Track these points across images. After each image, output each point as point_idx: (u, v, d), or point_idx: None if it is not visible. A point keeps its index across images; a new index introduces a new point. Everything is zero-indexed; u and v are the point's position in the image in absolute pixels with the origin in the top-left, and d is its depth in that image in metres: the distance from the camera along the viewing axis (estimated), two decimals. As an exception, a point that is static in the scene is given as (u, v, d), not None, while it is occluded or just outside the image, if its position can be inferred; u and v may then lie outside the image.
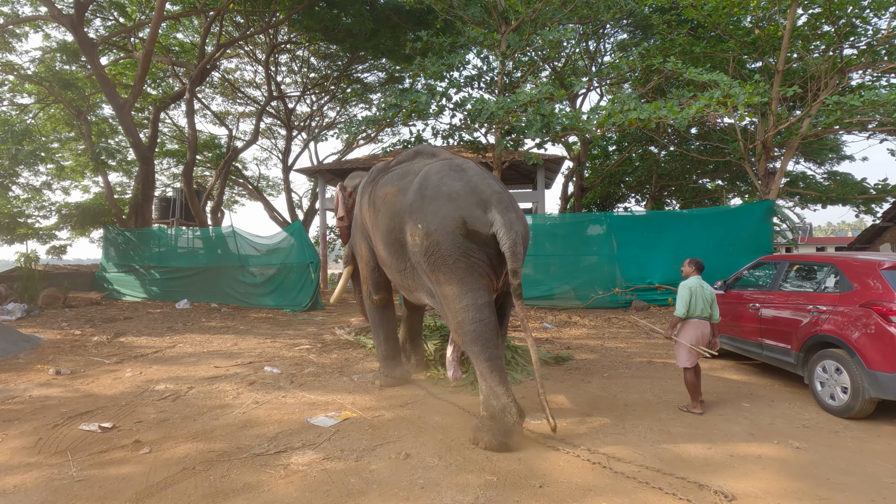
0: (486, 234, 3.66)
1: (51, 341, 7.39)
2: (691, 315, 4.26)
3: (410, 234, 3.87)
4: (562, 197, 21.58)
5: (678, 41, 11.00)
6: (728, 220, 10.81)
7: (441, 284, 3.75)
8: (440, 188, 3.82)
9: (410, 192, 3.97)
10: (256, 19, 15.66)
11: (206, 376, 5.50)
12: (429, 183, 3.90)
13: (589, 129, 7.71)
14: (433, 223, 3.72)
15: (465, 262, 3.67)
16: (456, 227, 3.66)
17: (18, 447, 3.54)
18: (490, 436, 3.39)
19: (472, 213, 3.68)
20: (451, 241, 3.66)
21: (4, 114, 15.39)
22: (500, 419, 3.41)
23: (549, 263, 11.63)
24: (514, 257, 3.57)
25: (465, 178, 3.85)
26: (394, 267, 4.27)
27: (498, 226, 3.61)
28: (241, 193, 25.33)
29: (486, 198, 3.73)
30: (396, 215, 4.05)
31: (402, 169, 4.39)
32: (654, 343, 7.27)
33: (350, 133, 9.36)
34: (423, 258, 3.81)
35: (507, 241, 3.56)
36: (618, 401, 4.57)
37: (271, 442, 3.62)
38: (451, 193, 3.76)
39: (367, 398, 4.65)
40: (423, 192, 3.86)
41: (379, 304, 5.05)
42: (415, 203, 3.87)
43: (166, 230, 14.30)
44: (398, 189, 4.13)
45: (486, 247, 3.70)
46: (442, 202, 3.75)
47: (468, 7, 11.81)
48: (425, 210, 3.78)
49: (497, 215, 3.64)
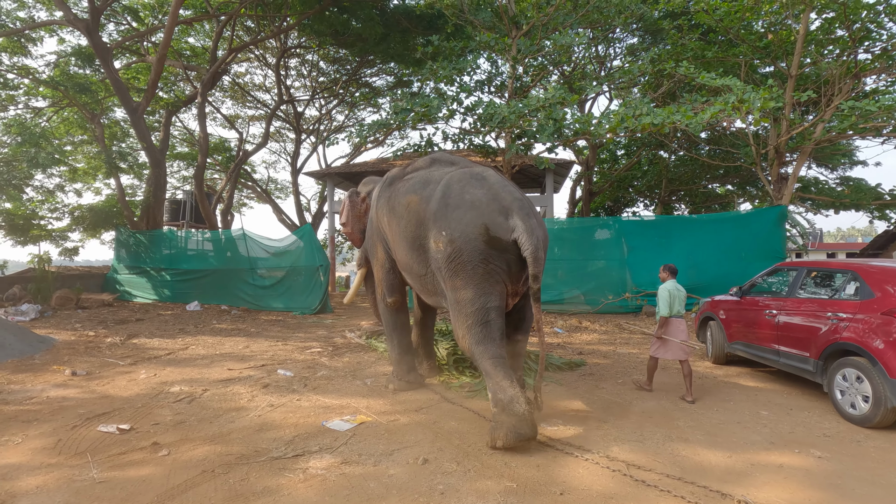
0: (508, 240, 3.78)
1: (65, 342, 7.45)
2: (672, 314, 4.81)
3: (434, 241, 3.99)
4: (570, 201, 21.55)
5: (689, 46, 10.97)
6: (740, 226, 10.74)
7: (457, 290, 3.86)
8: (463, 196, 3.94)
9: (434, 200, 4.09)
10: (267, 24, 15.80)
11: (219, 379, 5.51)
12: (451, 191, 4.03)
13: (601, 133, 7.69)
14: (456, 230, 3.85)
15: (483, 268, 3.79)
16: (479, 234, 3.79)
17: (39, 448, 3.56)
18: (505, 430, 3.42)
19: (495, 220, 3.81)
20: (472, 248, 3.79)
21: (20, 117, 15.59)
22: (511, 410, 3.47)
23: (558, 268, 11.59)
24: (535, 262, 3.67)
25: (487, 186, 3.99)
26: (415, 272, 4.35)
27: (520, 232, 3.72)
28: (250, 196, 25.49)
29: (507, 205, 3.85)
30: (420, 223, 4.16)
31: (422, 176, 4.48)
32: (667, 349, 7.21)
33: (360, 137, 9.39)
34: (444, 264, 3.92)
35: (529, 247, 3.67)
36: (633, 407, 4.53)
37: (288, 445, 3.62)
38: (473, 201, 3.89)
39: (382, 402, 4.65)
40: (447, 200, 3.99)
41: (393, 306, 5.10)
42: (439, 211, 4.00)
43: (177, 232, 14.40)
44: (421, 197, 4.24)
45: (506, 252, 3.83)
46: (465, 210, 3.87)
47: (479, 12, 11.84)
48: (449, 218, 3.91)
49: (519, 221, 3.75)
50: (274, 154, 25.09)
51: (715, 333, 6.17)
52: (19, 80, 15.03)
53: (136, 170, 17.55)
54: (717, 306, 6.19)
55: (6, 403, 4.62)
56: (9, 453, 3.47)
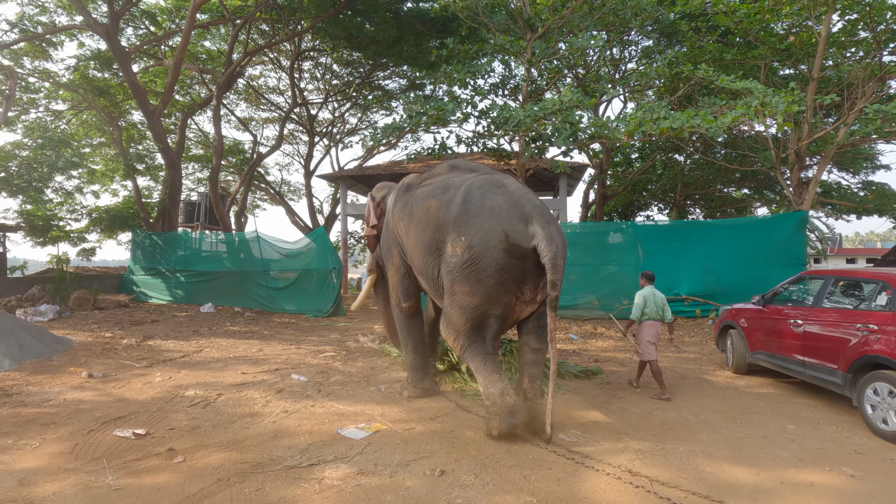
0: (527, 247, 3.80)
1: (82, 343, 7.52)
2: (645, 318, 5.24)
3: (451, 245, 4.00)
4: (583, 205, 21.36)
5: (708, 48, 10.79)
6: (759, 231, 10.52)
7: (464, 294, 3.90)
8: (483, 202, 3.96)
9: (454, 205, 4.09)
10: (282, 27, 15.90)
11: (234, 383, 5.51)
12: (472, 197, 4.04)
13: (618, 137, 7.58)
14: (476, 237, 3.87)
15: (496, 278, 3.82)
16: (498, 242, 3.81)
17: (56, 452, 3.57)
18: (498, 420, 3.67)
19: (515, 227, 3.83)
20: (490, 257, 3.81)
21: (41, 119, 15.87)
22: (501, 402, 3.70)
23: (571, 272, 11.45)
24: (554, 269, 3.68)
25: (508, 193, 4.01)
26: (430, 276, 4.35)
27: (539, 238, 3.74)
28: (264, 198, 25.68)
29: (527, 212, 3.87)
30: (439, 227, 4.15)
31: (442, 182, 4.47)
32: (686, 357, 7.07)
33: (375, 140, 9.37)
34: (458, 268, 3.93)
35: (549, 254, 3.69)
36: (654, 418, 4.43)
37: (303, 454, 3.58)
38: (494, 208, 3.91)
39: (396, 410, 4.60)
40: (468, 206, 4.01)
41: (408, 311, 5.04)
42: (459, 217, 4.00)
43: (191, 234, 14.53)
44: (441, 202, 4.23)
45: (524, 260, 3.84)
46: (486, 217, 3.90)
47: (493, 15, 11.81)
48: (469, 224, 3.93)
49: (539, 228, 3.77)
50: (287, 156, 25.37)
51: (736, 342, 6.02)
52: (40, 83, 15.31)
53: (152, 172, 17.80)
54: (739, 314, 6.05)
55: (25, 405, 4.65)
56: (27, 457, 3.48)
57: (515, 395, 3.74)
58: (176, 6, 15.35)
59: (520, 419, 3.70)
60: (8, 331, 6.35)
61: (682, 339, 8.51)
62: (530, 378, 4.03)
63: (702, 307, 10.30)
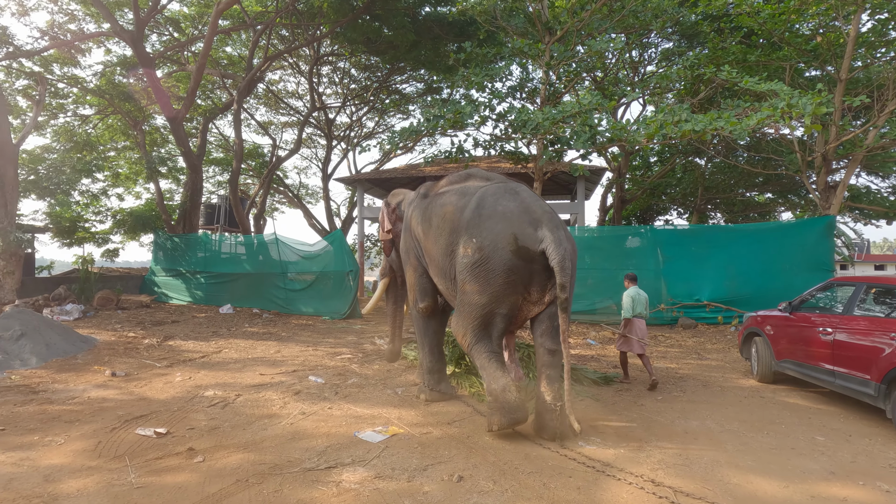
0: (535, 250, 3.95)
1: (106, 343, 7.67)
2: (634, 315, 5.80)
3: (463, 246, 4.18)
4: (601, 208, 21.12)
5: (731, 49, 10.59)
6: (784, 236, 10.27)
7: (473, 293, 4.07)
8: (496, 207, 4.16)
9: (468, 209, 4.31)
10: (301, 32, 16.12)
11: (252, 384, 5.55)
12: (485, 202, 4.25)
13: (638, 140, 7.46)
14: (487, 239, 4.05)
15: (504, 278, 3.98)
16: (507, 244, 3.98)
17: (80, 449, 3.63)
18: (499, 415, 3.81)
19: (524, 230, 3.99)
20: (499, 258, 3.97)
21: (68, 124, 16.32)
22: (503, 398, 3.84)
23: (589, 277, 11.33)
24: (562, 272, 3.80)
25: (519, 200, 4.21)
26: (447, 278, 4.51)
27: (548, 242, 3.89)
28: (282, 201, 26.00)
29: (537, 217, 4.04)
30: (454, 231, 4.35)
31: (459, 189, 4.69)
32: (708, 365, 6.91)
33: (392, 144, 9.40)
34: (468, 268, 4.11)
35: (556, 257, 3.82)
36: (676, 427, 4.32)
37: (321, 456, 3.57)
38: (505, 212, 4.10)
39: (413, 413, 4.57)
40: (480, 210, 4.21)
41: (425, 312, 5.06)
42: (472, 220, 4.20)
43: (211, 236, 14.76)
44: (457, 208, 4.45)
45: (531, 263, 3.99)
46: (497, 220, 4.08)
47: (511, 18, 11.77)
48: (481, 226, 4.11)
49: (547, 233, 3.93)
50: (305, 160, 25.58)
51: (761, 350, 5.86)
52: (68, 89, 15.77)
53: (173, 175, 18.16)
54: (765, 322, 5.88)
55: (51, 402, 4.75)
56: (52, 454, 3.54)
57: (517, 393, 3.87)
58: (199, 13, 15.68)
59: (520, 416, 3.81)
60: (35, 329, 6.52)
61: (704, 346, 8.33)
62: (548, 380, 3.99)
63: (724, 314, 10.08)
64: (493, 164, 16.84)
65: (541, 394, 3.97)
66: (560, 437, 3.81)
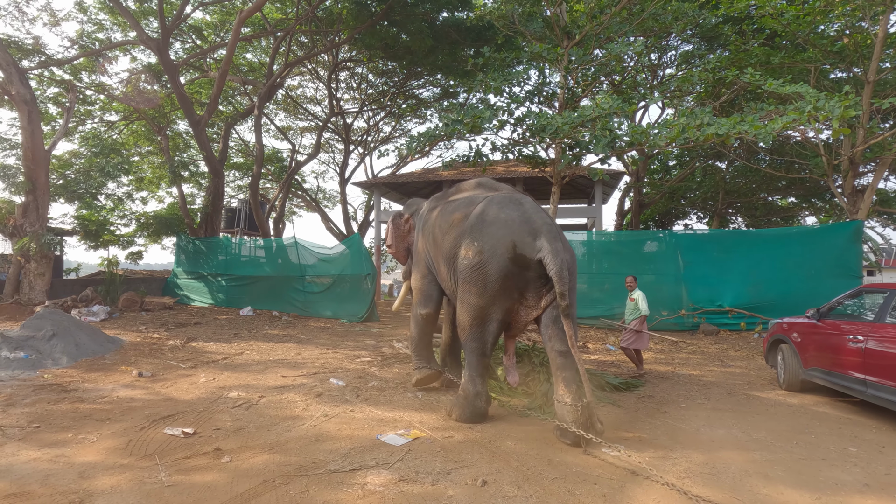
0: (532, 258, 4.14)
1: (131, 343, 7.85)
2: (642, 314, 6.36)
3: (465, 249, 4.44)
4: (618, 213, 20.94)
5: (753, 51, 10.43)
6: (810, 241, 10.06)
7: (472, 294, 4.31)
8: (498, 215, 4.40)
9: (473, 216, 4.58)
10: (320, 39, 16.34)
11: (274, 385, 5.62)
12: (489, 210, 4.49)
13: (658, 144, 7.39)
14: (487, 244, 4.28)
15: (501, 283, 4.21)
16: (506, 250, 4.19)
17: (112, 448, 3.71)
18: (460, 411, 4.36)
19: (523, 238, 4.19)
20: (497, 262, 4.20)
21: (95, 130, 16.78)
22: (473, 402, 4.34)
23: (606, 282, 11.23)
24: (560, 281, 3.95)
25: (522, 210, 4.40)
26: (449, 279, 4.82)
27: (545, 252, 4.06)
28: (300, 205, 26.32)
29: (537, 227, 4.23)
30: (459, 235, 4.62)
31: (468, 198, 4.97)
32: (732, 372, 6.79)
33: (410, 149, 9.46)
34: (468, 271, 4.35)
35: (554, 267, 3.98)
36: (702, 435, 4.25)
37: (345, 458, 3.60)
38: (507, 220, 4.32)
39: (435, 417, 4.58)
40: (484, 217, 4.46)
41: (424, 319, 5.42)
42: (475, 225, 4.46)
43: (232, 239, 15.01)
44: (464, 215, 4.73)
45: (528, 270, 4.20)
46: (498, 227, 4.31)
47: (529, 22, 11.77)
48: (483, 231, 4.36)
49: (545, 243, 4.10)
50: (323, 164, 25.90)
51: (788, 358, 5.74)
52: (96, 96, 16.23)
53: (195, 179, 18.52)
54: (791, 329, 5.76)
55: (82, 401, 4.87)
56: (85, 451, 3.64)
57: (486, 402, 4.39)
58: (221, 20, 16.02)
59: (480, 420, 4.37)
60: (66, 330, 6.70)
61: (728, 353, 8.19)
62: (566, 383, 4.01)
63: (747, 320, 9.89)
64: (510, 168, 16.83)
65: (560, 397, 3.99)
66: (584, 442, 3.80)
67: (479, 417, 4.35)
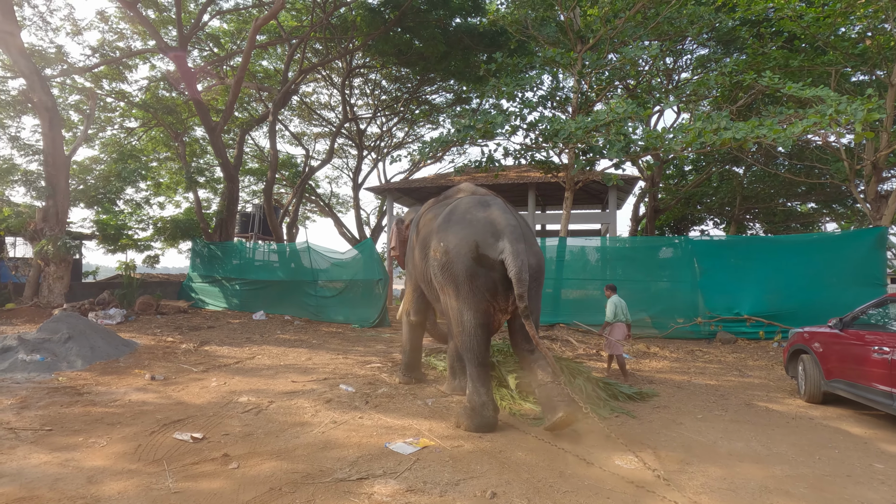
0: (495, 258, 4.24)
1: (145, 347, 7.93)
2: (616, 320, 6.50)
3: (433, 250, 4.62)
4: (632, 219, 20.69)
5: (772, 55, 10.24)
6: (831, 248, 9.79)
7: (449, 297, 4.50)
8: (464, 216, 4.54)
9: (440, 218, 4.78)
10: (334, 46, 16.50)
11: (284, 391, 5.61)
12: (456, 211, 4.67)
13: (674, 149, 7.27)
14: (451, 243, 4.43)
15: (469, 284, 4.31)
16: (469, 250, 4.32)
17: (121, 452, 3.72)
18: (469, 421, 4.28)
19: (486, 239, 4.31)
20: (461, 262, 4.32)
21: (115, 136, 17.13)
22: (480, 412, 4.26)
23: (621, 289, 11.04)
24: (519, 283, 4.03)
25: (488, 212, 4.51)
26: (425, 281, 5.03)
27: (507, 254, 4.14)
28: (313, 210, 26.52)
29: (500, 228, 4.33)
30: (428, 236, 4.87)
31: (442, 204, 5.19)
32: (750, 383, 6.60)
33: (423, 155, 9.47)
34: (438, 272, 4.53)
35: (514, 268, 4.06)
36: (719, 448, 4.12)
37: (352, 467, 3.56)
38: (471, 221, 4.47)
39: (444, 425, 4.52)
40: (450, 218, 4.64)
41: (414, 325, 5.81)
42: (441, 226, 4.64)
43: (246, 244, 15.15)
44: (433, 216, 5.00)
45: (493, 271, 4.28)
46: (462, 227, 4.45)
47: (543, 27, 11.74)
48: (448, 232, 4.51)
49: (507, 244, 4.18)
50: (337, 170, 26.05)
51: (809, 369, 5.55)
52: (116, 103, 16.58)
53: (212, 184, 18.79)
54: (813, 339, 5.58)
55: (94, 404, 4.92)
56: (95, 455, 3.65)
57: (493, 411, 4.28)
58: (237, 28, 16.28)
59: (488, 430, 4.27)
60: (81, 333, 6.79)
61: (746, 362, 7.98)
62: (541, 368, 4.30)
63: (765, 328, 9.64)
64: (523, 174, 16.76)
65: (541, 380, 4.24)
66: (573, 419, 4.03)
67: (488, 427, 4.28)
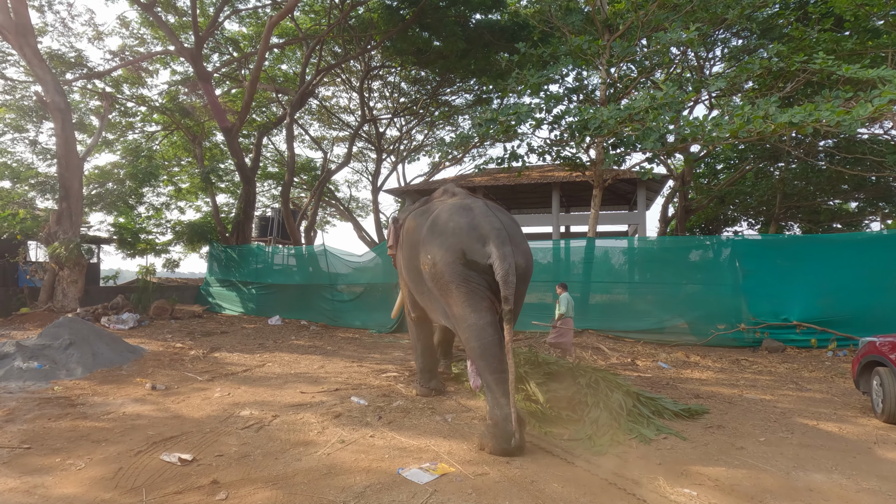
0: (484, 263, 4.16)
1: (153, 353, 7.60)
2: (567, 315, 6.99)
3: (422, 263, 4.55)
4: (661, 219, 19.78)
5: (820, 38, 9.42)
6: (891, 248, 8.87)
7: (451, 306, 4.34)
8: (447, 224, 4.43)
9: (424, 227, 4.67)
10: (352, 46, 16.21)
11: (291, 403, 5.15)
12: (439, 219, 4.55)
13: (719, 139, 6.59)
14: (437, 254, 4.35)
15: (465, 287, 4.20)
16: (456, 258, 4.24)
17: (98, 477, 3.28)
18: (494, 442, 3.78)
19: (472, 246, 4.22)
20: (451, 270, 4.24)
21: (136, 140, 17.18)
22: (503, 427, 3.78)
23: (649, 293, 10.33)
24: (505, 285, 3.96)
25: (471, 216, 4.40)
26: (415, 290, 4.95)
27: (494, 258, 4.08)
28: (333, 214, 26.35)
29: (485, 233, 4.24)
30: (413, 246, 4.78)
31: (425, 209, 5.07)
32: (811, 398, 5.84)
33: (443, 152, 9.00)
34: (432, 284, 4.47)
35: (500, 271, 4.00)
36: (795, 480, 3.45)
37: (359, 499, 3.04)
38: (455, 228, 4.35)
39: (466, 447, 3.96)
40: (433, 227, 4.54)
41: (416, 321, 5.58)
42: (426, 237, 4.55)
43: (264, 248, 14.89)
44: (417, 224, 4.87)
45: (485, 274, 4.19)
46: (447, 236, 4.36)
47: (568, 17, 11.14)
48: (433, 243, 4.43)
49: (493, 248, 4.11)
50: (356, 174, 25.87)
51: (888, 384, 4.79)
52: (136, 108, 16.63)
53: (233, 190, 18.70)
54: (892, 349, 4.83)
55: (85, 418, 4.53)
56: (68, 481, 3.22)
57: (518, 424, 3.77)
58: (257, 32, 16.14)
59: (516, 451, 3.76)
60: (84, 339, 6.48)
61: (800, 373, 7.18)
62: None
63: (818, 336, 8.78)
64: (546, 173, 16.13)
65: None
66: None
67: (516, 451, 3.74)
